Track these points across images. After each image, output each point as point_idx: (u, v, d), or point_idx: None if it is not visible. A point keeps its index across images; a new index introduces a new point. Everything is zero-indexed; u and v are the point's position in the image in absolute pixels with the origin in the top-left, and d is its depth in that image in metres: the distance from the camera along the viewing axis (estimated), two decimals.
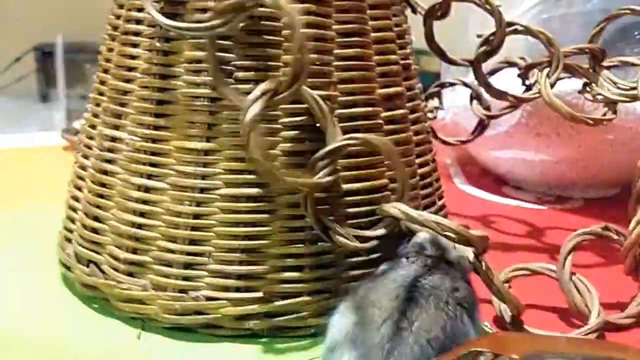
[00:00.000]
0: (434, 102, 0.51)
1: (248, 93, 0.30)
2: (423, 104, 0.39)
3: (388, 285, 0.28)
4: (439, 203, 0.39)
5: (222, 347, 0.31)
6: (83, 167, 0.36)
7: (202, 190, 0.31)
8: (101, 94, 0.35)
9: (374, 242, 0.31)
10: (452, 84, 0.50)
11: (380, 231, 0.31)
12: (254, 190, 0.31)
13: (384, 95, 0.34)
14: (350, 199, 0.32)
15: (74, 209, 0.36)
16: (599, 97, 0.42)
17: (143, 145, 0.33)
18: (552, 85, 0.42)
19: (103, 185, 0.34)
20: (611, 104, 0.43)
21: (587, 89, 0.44)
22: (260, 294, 0.31)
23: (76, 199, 0.36)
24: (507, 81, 0.46)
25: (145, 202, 0.32)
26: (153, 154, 0.32)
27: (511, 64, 0.47)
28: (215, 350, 0.31)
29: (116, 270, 0.33)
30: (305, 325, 0.32)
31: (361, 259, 0.32)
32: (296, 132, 0.32)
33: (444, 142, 0.50)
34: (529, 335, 0.30)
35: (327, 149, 0.31)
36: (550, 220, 0.51)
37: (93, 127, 0.36)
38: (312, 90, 0.31)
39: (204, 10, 0.31)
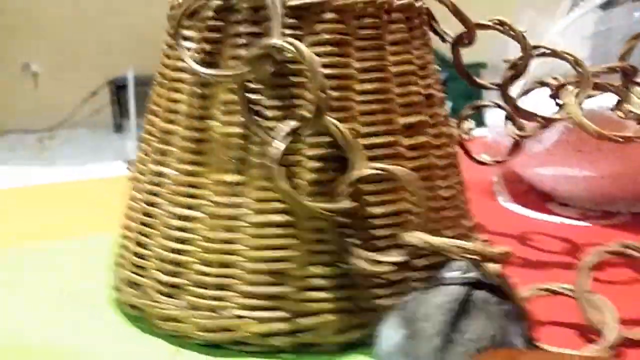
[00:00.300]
0: (469, 124, 0.53)
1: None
2: (449, 129, 0.41)
3: (438, 299, 0.30)
4: (467, 224, 0.41)
5: None
6: (134, 199, 0.40)
7: (234, 218, 0.35)
8: (150, 134, 0.40)
9: (391, 267, 0.33)
10: (485, 106, 0.52)
11: (399, 257, 0.33)
12: (279, 218, 0.34)
13: (406, 124, 0.37)
14: (373, 223, 0.35)
15: (126, 237, 0.40)
16: (631, 114, 0.43)
17: (184, 179, 0.36)
18: (578, 104, 0.43)
19: (149, 215, 0.38)
20: None
21: (619, 106, 0.44)
22: (285, 313, 0.34)
23: (128, 228, 0.40)
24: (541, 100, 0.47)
25: (183, 230, 0.36)
26: (191, 186, 0.36)
27: (544, 84, 0.48)
28: None
29: (158, 292, 0.36)
30: (328, 342, 0.34)
31: (382, 280, 0.35)
32: (320, 163, 0.35)
33: (479, 162, 0.52)
34: (541, 353, 0.31)
35: (350, 177, 0.33)
36: (593, 237, 0.51)
37: (143, 163, 0.40)
38: None
39: (236, 57, 0.35)
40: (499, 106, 0.50)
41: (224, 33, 0.36)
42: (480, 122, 0.60)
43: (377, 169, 0.33)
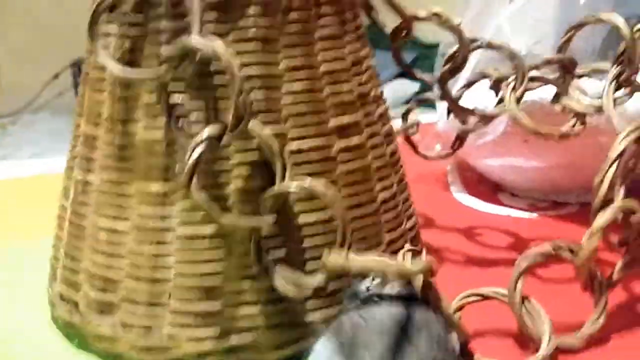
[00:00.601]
0: (414, 117, 0.52)
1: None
2: (387, 127, 0.40)
3: (377, 324, 0.28)
4: (406, 225, 0.40)
5: None
6: (63, 208, 0.38)
7: (161, 230, 0.33)
8: (76, 137, 0.38)
9: (309, 292, 0.32)
10: (427, 100, 0.51)
11: (321, 281, 0.32)
12: (208, 229, 0.33)
13: (337, 125, 0.35)
14: (299, 236, 0.33)
15: (57, 249, 0.38)
16: (568, 109, 0.42)
17: (109, 188, 0.34)
18: (518, 100, 0.42)
19: (78, 227, 0.36)
20: (580, 115, 0.43)
21: (558, 99, 0.44)
22: (218, 330, 0.32)
23: (59, 239, 0.38)
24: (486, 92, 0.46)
25: (111, 243, 0.34)
26: (117, 196, 0.34)
27: (485, 76, 0.47)
28: None
29: (90, 309, 0.35)
30: (263, 358, 0.33)
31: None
32: (248, 169, 0.33)
33: (425, 157, 0.51)
34: None
35: (271, 193, 0.32)
36: (540, 230, 0.50)
37: (71, 169, 0.38)
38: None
39: (158, 56, 0.33)
40: (442, 99, 0.49)
41: (144, 29, 0.33)
42: None
43: (298, 185, 0.31)
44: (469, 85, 0.48)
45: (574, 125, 0.41)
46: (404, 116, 0.53)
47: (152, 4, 0.33)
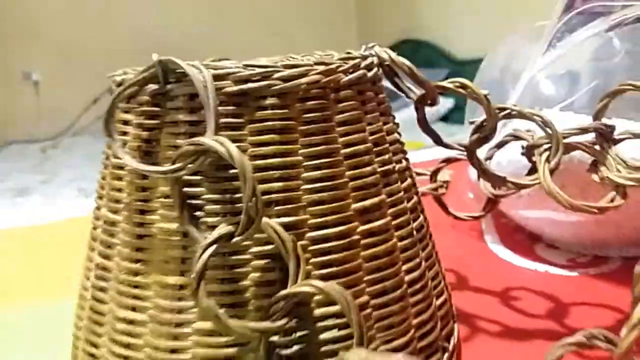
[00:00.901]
0: (443, 176, 0.51)
1: (215, 226, 0.31)
2: (412, 202, 0.38)
3: None
4: (437, 302, 0.38)
5: None
6: (85, 288, 0.38)
7: (178, 324, 0.33)
8: (97, 218, 0.37)
9: None
10: (457, 160, 0.49)
11: None
12: None
13: (360, 209, 0.34)
14: (318, 340, 0.32)
15: (79, 327, 0.38)
16: (607, 179, 0.41)
17: (127, 278, 0.34)
18: (552, 171, 0.40)
19: (98, 312, 0.36)
20: (620, 187, 0.41)
21: (595, 167, 0.42)
22: None
23: (80, 318, 0.38)
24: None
25: (129, 334, 0.34)
26: (136, 287, 0.34)
27: (517, 138, 0.46)
28: None
29: None
30: None
31: None
32: (266, 260, 0.32)
33: (456, 218, 0.50)
34: None
35: (281, 294, 0.31)
36: (580, 291, 0.48)
37: (92, 250, 0.38)
38: (280, 217, 0.32)
39: (175, 147, 0.33)
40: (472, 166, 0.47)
41: (161, 120, 0.33)
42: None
43: (310, 285, 0.30)
44: (499, 145, 0.47)
45: (612, 199, 0.39)
46: (433, 176, 0.52)
47: (169, 96, 0.33)
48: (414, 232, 0.38)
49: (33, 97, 3.23)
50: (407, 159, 0.40)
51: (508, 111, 0.41)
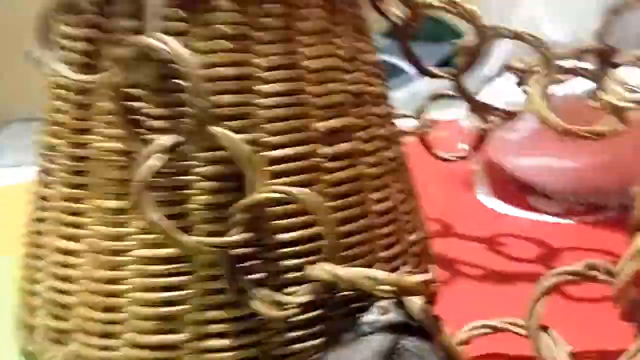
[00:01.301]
0: (428, 115, 0.47)
1: None
2: (390, 129, 0.35)
3: (362, 352, 0.25)
4: (410, 238, 0.35)
5: None
6: (26, 225, 0.35)
7: (117, 252, 0.29)
8: (40, 149, 0.34)
9: (295, 310, 0.28)
10: (447, 95, 0.46)
11: (306, 297, 0.28)
12: (168, 251, 0.28)
13: (326, 129, 0.31)
14: (278, 253, 0.29)
15: (21, 271, 0.35)
16: (606, 103, 0.37)
17: (65, 205, 0.31)
18: (544, 94, 0.37)
19: (37, 246, 0.33)
20: (618, 111, 0.37)
21: (595, 93, 0.38)
22: None
23: (22, 261, 0.35)
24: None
25: (67, 266, 0.31)
26: (74, 214, 0.30)
27: (510, 69, 0.42)
28: None
29: (46, 338, 0.31)
30: None
31: (295, 319, 0.29)
32: (215, 182, 0.29)
33: (441, 159, 0.46)
34: None
35: (242, 202, 0.27)
36: (576, 238, 0.45)
37: (34, 184, 0.34)
38: (235, 134, 0.29)
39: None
40: (459, 94, 0.43)
41: (103, 29, 0.30)
42: None
43: (275, 191, 0.27)
44: (489, 79, 0.43)
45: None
46: (418, 114, 0.49)
47: (111, 1, 0.29)
48: (387, 161, 0.34)
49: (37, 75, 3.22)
50: (385, 86, 0.36)
51: (498, 30, 0.37)
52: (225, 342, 0.29)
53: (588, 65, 0.38)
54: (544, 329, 0.29)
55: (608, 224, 0.47)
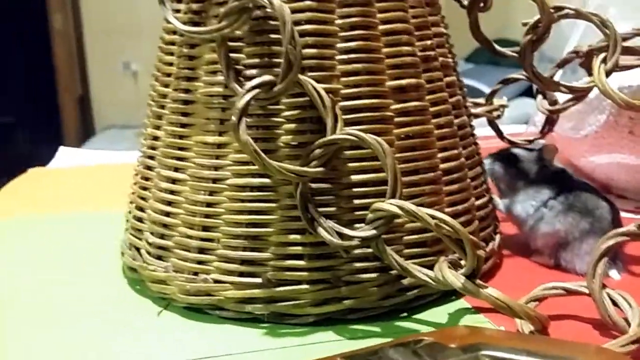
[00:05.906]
0: (500, 100, 0.50)
1: None
2: (455, 98, 0.38)
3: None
4: (477, 202, 0.38)
5: (226, 329, 0.33)
6: (138, 163, 0.41)
7: (214, 180, 0.34)
8: (152, 99, 0.40)
9: (356, 242, 0.31)
10: (516, 80, 0.48)
11: (369, 232, 0.31)
12: (257, 180, 0.33)
13: (395, 87, 0.35)
14: (349, 192, 0.33)
15: (131, 202, 0.41)
16: None
17: (173, 141, 0.36)
18: (608, 73, 0.39)
19: (146, 178, 0.38)
20: None
21: None
22: (260, 280, 0.33)
23: (133, 192, 0.41)
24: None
25: (171, 192, 0.36)
26: (179, 148, 0.36)
27: (577, 54, 0.44)
28: (218, 331, 0.33)
29: (149, 254, 0.37)
30: (304, 313, 0.33)
31: (364, 251, 0.33)
32: (298, 124, 0.33)
33: (510, 143, 0.48)
34: (483, 330, 0.28)
35: (320, 140, 0.32)
36: None
37: (146, 127, 0.40)
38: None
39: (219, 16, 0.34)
40: (528, 79, 0.46)
41: None
42: None
43: (348, 134, 0.31)
44: (561, 64, 0.45)
45: None
46: (489, 98, 0.51)
47: None
48: (454, 126, 0.38)
49: (132, 86, 3.41)
50: (454, 61, 0.40)
51: (565, 11, 0.40)
52: (302, 263, 0.33)
53: None
54: (605, 286, 0.31)
55: None
